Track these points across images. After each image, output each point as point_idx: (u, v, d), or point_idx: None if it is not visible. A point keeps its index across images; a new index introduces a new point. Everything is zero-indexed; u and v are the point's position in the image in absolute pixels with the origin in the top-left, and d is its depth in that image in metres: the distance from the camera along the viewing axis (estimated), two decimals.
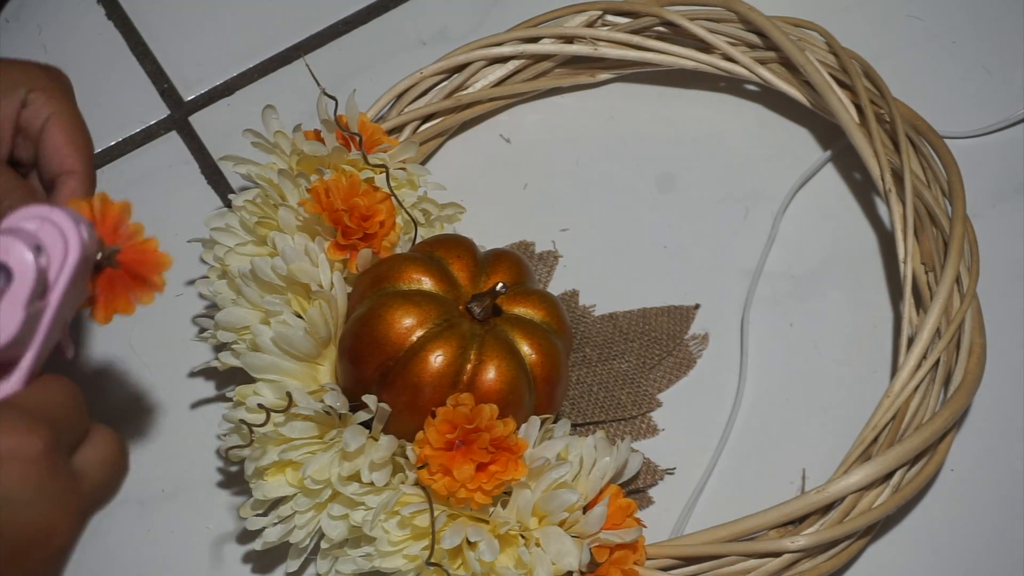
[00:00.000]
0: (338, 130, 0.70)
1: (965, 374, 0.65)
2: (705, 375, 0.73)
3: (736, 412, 0.71)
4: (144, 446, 0.72)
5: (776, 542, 0.61)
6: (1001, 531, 0.68)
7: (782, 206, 0.76)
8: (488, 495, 0.59)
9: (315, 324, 0.62)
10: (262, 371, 0.63)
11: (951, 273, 0.66)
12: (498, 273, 0.65)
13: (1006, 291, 0.74)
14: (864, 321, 0.73)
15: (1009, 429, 0.71)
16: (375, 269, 0.64)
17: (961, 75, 0.80)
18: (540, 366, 0.63)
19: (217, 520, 0.70)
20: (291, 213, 0.66)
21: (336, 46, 0.83)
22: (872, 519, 0.62)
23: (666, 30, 0.78)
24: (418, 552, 0.60)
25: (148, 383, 0.73)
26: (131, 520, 0.70)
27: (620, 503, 0.61)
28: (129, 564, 0.69)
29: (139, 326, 0.74)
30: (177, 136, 0.81)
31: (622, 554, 0.60)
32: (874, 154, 0.71)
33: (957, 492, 0.69)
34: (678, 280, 0.75)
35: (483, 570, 0.58)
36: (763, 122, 0.79)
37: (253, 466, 0.62)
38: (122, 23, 0.84)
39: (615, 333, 0.73)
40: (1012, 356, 0.72)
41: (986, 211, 0.75)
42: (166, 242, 0.75)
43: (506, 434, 0.59)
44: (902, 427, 0.64)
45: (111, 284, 0.50)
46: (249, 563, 0.69)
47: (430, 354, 0.60)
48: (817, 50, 0.75)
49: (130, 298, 0.50)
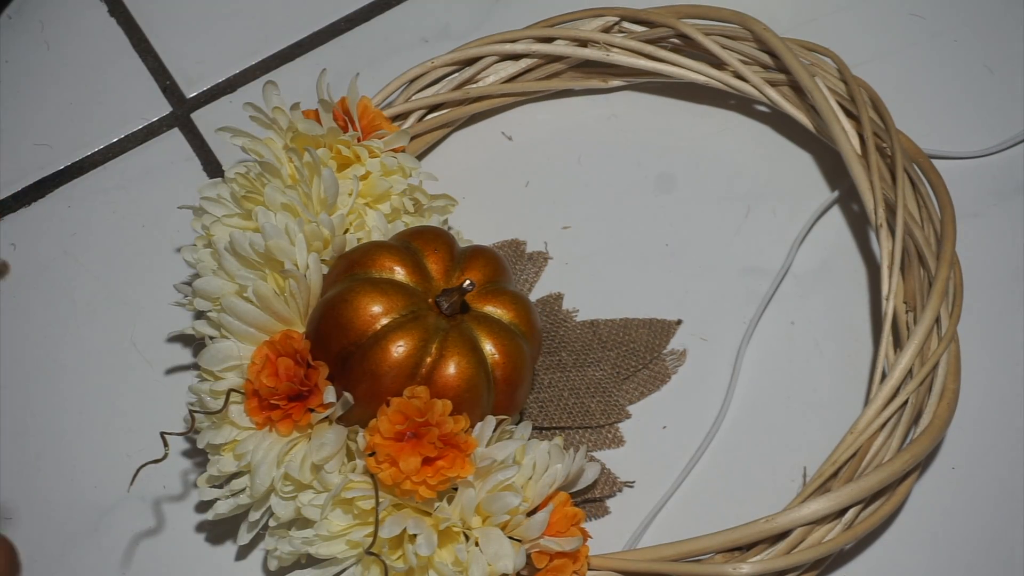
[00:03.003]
0: (336, 111, 0.70)
1: (933, 418, 0.64)
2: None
3: (719, 424, 0.71)
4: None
5: (719, 567, 0.61)
6: (1002, 531, 0.68)
7: (801, 232, 0.75)
8: (432, 489, 0.59)
9: (265, 299, 0.63)
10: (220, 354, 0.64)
11: (930, 315, 0.65)
12: (473, 270, 0.65)
13: (1007, 290, 0.73)
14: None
15: (1009, 428, 0.70)
16: (351, 254, 0.65)
17: (962, 75, 0.80)
18: (502, 367, 0.63)
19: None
20: (277, 190, 0.66)
21: (338, 43, 0.84)
22: (820, 554, 0.61)
23: (680, 42, 0.77)
24: (360, 539, 0.60)
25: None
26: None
27: (566, 511, 0.61)
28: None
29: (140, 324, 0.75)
30: (179, 133, 0.82)
31: (562, 562, 0.60)
32: (870, 187, 0.70)
33: (958, 491, 0.69)
34: (677, 281, 0.75)
35: (419, 563, 0.58)
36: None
37: (207, 441, 0.63)
38: (124, 20, 0.85)
39: (594, 340, 0.73)
40: (1012, 356, 0.72)
41: (987, 210, 0.75)
42: (168, 239, 0.78)
43: (456, 431, 0.59)
44: (862, 465, 0.63)
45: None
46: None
47: (391, 344, 0.61)
48: (828, 76, 0.75)
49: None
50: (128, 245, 0.78)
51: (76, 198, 0.79)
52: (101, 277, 0.77)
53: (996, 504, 0.68)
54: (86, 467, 0.71)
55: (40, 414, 0.73)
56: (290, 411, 0.62)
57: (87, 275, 0.77)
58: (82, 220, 0.79)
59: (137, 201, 0.79)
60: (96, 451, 0.71)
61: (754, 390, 0.72)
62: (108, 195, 0.79)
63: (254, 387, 0.62)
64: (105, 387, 0.74)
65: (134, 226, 0.78)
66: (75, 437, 0.72)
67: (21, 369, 0.74)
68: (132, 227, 0.78)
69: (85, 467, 0.71)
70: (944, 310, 0.66)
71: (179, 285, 0.72)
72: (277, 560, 0.63)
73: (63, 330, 0.75)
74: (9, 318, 0.75)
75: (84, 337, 0.75)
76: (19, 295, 0.76)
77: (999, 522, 0.68)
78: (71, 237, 0.78)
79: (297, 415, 0.62)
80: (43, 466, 0.71)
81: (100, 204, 0.79)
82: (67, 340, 0.75)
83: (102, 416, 0.73)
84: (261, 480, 0.61)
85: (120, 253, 0.78)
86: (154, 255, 0.77)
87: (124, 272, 0.77)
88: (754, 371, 0.72)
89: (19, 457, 0.71)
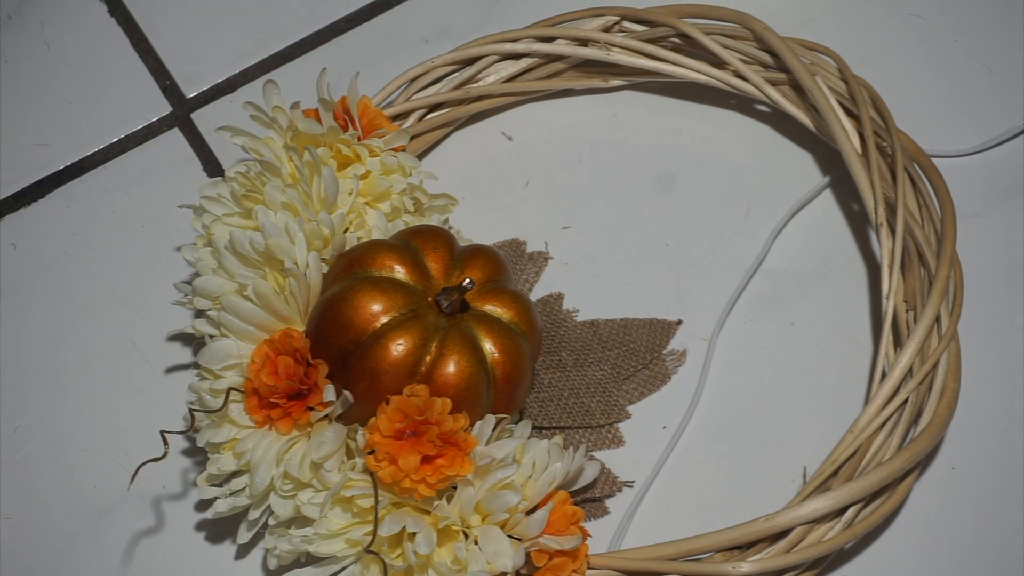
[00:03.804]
0: (336, 110, 0.70)
1: (933, 417, 0.64)
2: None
3: (686, 423, 0.71)
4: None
5: (719, 565, 0.61)
6: (1001, 531, 0.67)
7: (778, 226, 0.75)
8: (432, 488, 0.59)
9: (265, 298, 0.63)
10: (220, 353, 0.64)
11: (930, 314, 0.65)
12: (473, 269, 0.65)
13: (1007, 289, 0.73)
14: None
15: (1009, 428, 0.70)
16: (350, 253, 0.65)
17: (962, 75, 0.80)
18: (502, 365, 0.62)
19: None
20: (277, 189, 0.66)
21: (338, 43, 0.84)
22: (820, 553, 0.61)
23: (681, 42, 0.77)
24: (359, 537, 0.60)
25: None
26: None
27: (565, 510, 0.60)
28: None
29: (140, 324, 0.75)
30: (179, 133, 0.82)
31: (561, 561, 0.60)
32: (870, 186, 0.70)
33: (958, 491, 0.69)
34: (677, 281, 0.75)
35: (419, 562, 0.58)
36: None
37: (206, 439, 0.63)
38: (124, 20, 0.85)
39: (594, 340, 0.72)
40: (1012, 356, 0.72)
41: (988, 209, 0.75)
42: (168, 238, 0.78)
43: (455, 429, 0.59)
44: (862, 464, 0.63)
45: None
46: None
47: (391, 342, 0.60)
48: (829, 76, 0.75)
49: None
50: (128, 245, 0.78)
51: (76, 198, 0.80)
52: (101, 277, 0.77)
53: (996, 504, 0.68)
54: (86, 467, 0.71)
55: (40, 414, 0.73)
56: (290, 409, 0.62)
57: (87, 275, 0.77)
58: (82, 220, 0.79)
59: (137, 201, 0.79)
60: (96, 451, 0.71)
61: (754, 389, 0.72)
62: (108, 195, 0.79)
63: (254, 385, 0.62)
64: (105, 387, 0.74)
65: (134, 226, 0.78)
66: (75, 437, 0.72)
67: (21, 369, 0.74)
68: (132, 227, 0.78)
69: (85, 467, 0.71)
70: (944, 309, 0.66)
71: (179, 284, 0.72)
72: (277, 559, 0.63)
73: (63, 330, 0.75)
74: (9, 318, 0.75)
75: (84, 337, 0.75)
76: (19, 295, 0.76)
77: (999, 522, 0.68)
78: (71, 237, 0.78)
79: (297, 413, 0.62)
80: (43, 466, 0.71)
81: (100, 204, 0.79)
82: (67, 340, 0.75)
83: (102, 416, 0.73)
84: (260, 479, 0.61)
85: (120, 253, 0.78)
86: (154, 255, 0.77)
87: (124, 272, 0.77)
88: (754, 370, 0.72)
89: (19, 457, 0.71)
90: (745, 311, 0.74)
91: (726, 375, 0.72)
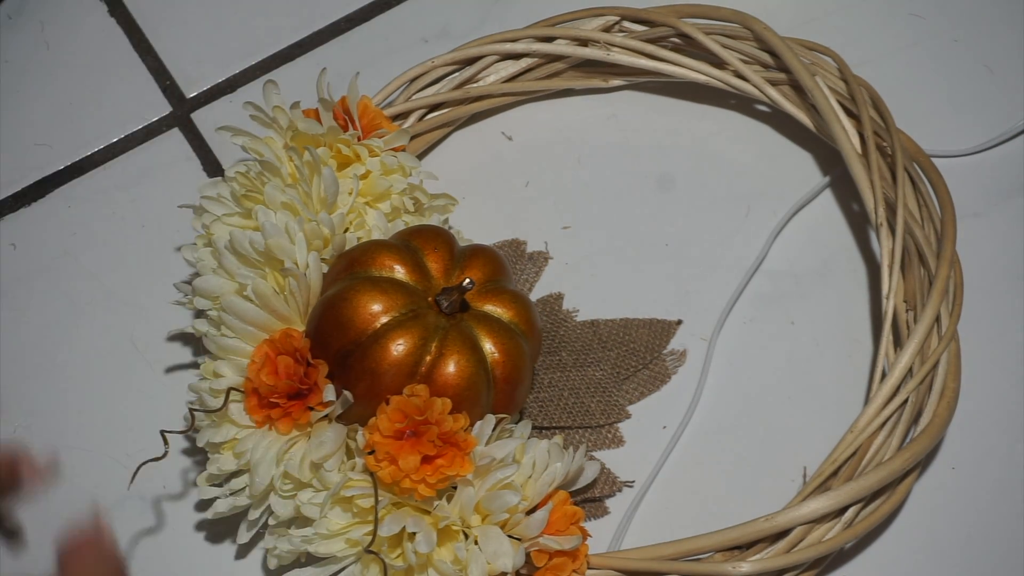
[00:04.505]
0: (336, 110, 0.70)
1: (933, 417, 0.64)
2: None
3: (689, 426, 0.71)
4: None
5: (719, 565, 0.61)
6: (1001, 531, 0.67)
7: (778, 226, 0.75)
8: (432, 488, 0.59)
9: (265, 298, 0.63)
10: (222, 348, 0.64)
11: (930, 314, 0.65)
12: (473, 269, 0.65)
13: (1007, 289, 0.73)
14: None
15: (1009, 428, 0.70)
16: (350, 253, 0.65)
17: (962, 74, 0.80)
18: (502, 365, 0.62)
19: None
20: (277, 189, 0.66)
21: (338, 43, 0.84)
22: (820, 552, 0.61)
23: (681, 42, 0.77)
24: (359, 537, 0.60)
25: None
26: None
27: (565, 510, 0.61)
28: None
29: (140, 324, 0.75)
30: (179, 133, 0.82)
31: (561, 561, 0.60)
32: (870, 186, 0.70)
33: (958, 491, 0.69)
34: (677, 281, 0.75)
35: (419, 561, 0.58)
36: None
37: (206, 439, 0.63)
38: (124, 20, 0.85)
39: (594, 340, 0.72)
40: (1012, 356, 0.72)
41: (988, 209, 0.75)
42: (168, 239, 0.78)
43: (455, 429, 0.59)
44: (862, 464, 0.63)
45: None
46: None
47: (391, 342, 0.60)
48: (828, 76, 0.75)
49: None
50: (128, 245, 0.78)
51: (76, 198, 0.79)
52: (101, 277, 0.77)
53: (996, 504, 0.68)
54: (86, 467, 0.71)
55: (40, 414, 0.73)
56: (290, 409, 0.62)
57: (87, 275, 0.77)
58: (82, 220, 0.79)
59: (137, 201, 0.79)
60: (96, 451, 0.71)
61: (754, 389, 0.72)
62: (108, 195, 0.79)
63: (254, 385, 0.62)
64: (105, 387, 0.73)
65: (134, 226, 0.78)
66: (75, 437, 0.72)
67: (21, 369, 0.74)
68: (132, 227, 0.78)
69: (85, 467, 0.71)
70: (944, 309, 0.66)
71: (179, 284, 0.72)
72: (276, 558, 0.63)
73: (63, 330, 0.75)
74: (9, 318, 0.75)
75: (84, 337, 0.75)
76: (19, 295, 0.76)
77: (999, 522, 0.68)
78: (71, 237, 0.78)
79: (297, 413, 0.62)
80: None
81: (100, 204, 0.79)
82: (67, 340, 0.75)
83: (102, 416, 0.73)
84: (260, 478, 0.61)
85: (120, 253, 0.78)
86: (154, 255, 0.77)
87: (124, 272, 0.77)
88: (754, 370, 0.72)
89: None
90: (745, 311, 0.74)
91: (726, 375, 0.72)
